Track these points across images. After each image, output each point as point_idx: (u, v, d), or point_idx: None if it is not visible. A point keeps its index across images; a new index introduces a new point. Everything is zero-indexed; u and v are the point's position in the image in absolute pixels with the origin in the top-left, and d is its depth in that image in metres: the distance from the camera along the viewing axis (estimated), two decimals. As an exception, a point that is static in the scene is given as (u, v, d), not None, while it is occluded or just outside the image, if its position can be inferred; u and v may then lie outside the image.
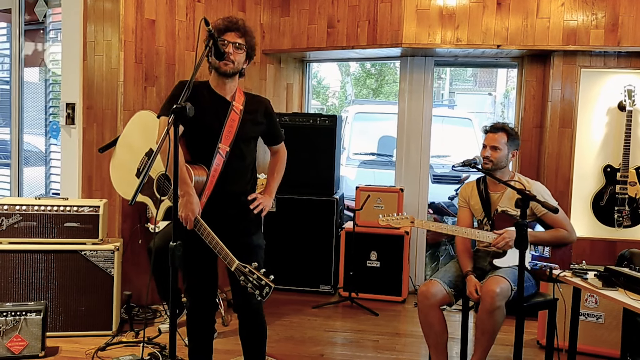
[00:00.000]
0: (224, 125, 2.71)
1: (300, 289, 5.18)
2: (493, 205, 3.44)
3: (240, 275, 2.41)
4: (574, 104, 4.67)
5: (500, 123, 3.50)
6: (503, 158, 3.39)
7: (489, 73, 16.60)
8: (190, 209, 2.59)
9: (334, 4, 5.07)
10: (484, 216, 3.47)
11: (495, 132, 3.42)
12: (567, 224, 3.33)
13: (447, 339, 3.30)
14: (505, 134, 3.40)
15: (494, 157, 3.37)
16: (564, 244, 3.32)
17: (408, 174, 5.40)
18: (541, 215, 3.31)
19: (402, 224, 3.41)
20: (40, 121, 5.45)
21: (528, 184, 3.35)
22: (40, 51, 5.53)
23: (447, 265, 3.55)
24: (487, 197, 3.47)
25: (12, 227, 3.83)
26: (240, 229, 2.77)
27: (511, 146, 3.41)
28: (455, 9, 4.72)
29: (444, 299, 3.27)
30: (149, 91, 4.52)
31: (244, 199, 2.81)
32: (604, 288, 2.81)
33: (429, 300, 3.25)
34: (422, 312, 3.30)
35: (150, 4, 4.47)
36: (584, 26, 4.54)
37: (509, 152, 3.41)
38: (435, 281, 3.30)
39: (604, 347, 3.75)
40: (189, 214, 2.58)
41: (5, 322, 3.49)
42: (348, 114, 8.18)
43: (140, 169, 3.17)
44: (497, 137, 3.39)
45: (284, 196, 5.12)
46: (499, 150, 3.37)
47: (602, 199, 4.66)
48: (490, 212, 3.44)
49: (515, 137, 3.44)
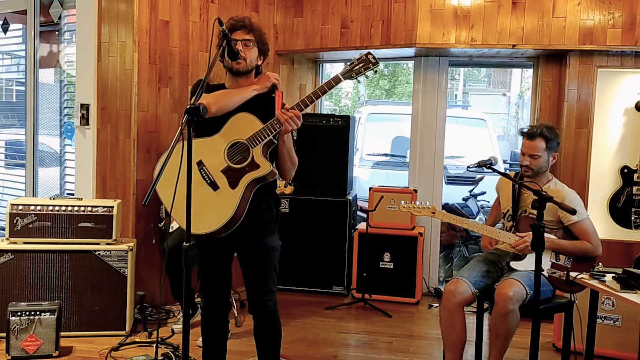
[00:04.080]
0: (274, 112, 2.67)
1: (313, 290, 5.17)
2: (522, 204, 3.37)
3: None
4: (591, 104, 4.61)
5: (537, 127, 3.32)
6: (543, 164, 3.27)
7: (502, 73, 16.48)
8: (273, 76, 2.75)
9: (348, 4, 5.06)
10: (508, 211, 3.41)
11: (532, 139, 3.27)
12: (593, 237, 3.21)
13: (465, 341, 3.25)
14: (543, 139, 3.25)
15: (534, 165, 3.26)
16: (588, 257, 3.21)
17: (421, 174, 5.36)
18: (568, 224, 3.22)
19: (424, 213, 3.38)
20: (56, 122, 5.48)
21: (562, 190, 3.26)
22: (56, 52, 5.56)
23: (471, 263, 3.48)
24: (519, 195, 3.39)
25: (27, 227, 3.85)
26: (256, 229, 2.74)
27: (551, 149, 3.27)
28: (469, 8, 4.68)
29: (469, 298, 3.22)
30: (163, 92, 4.53)
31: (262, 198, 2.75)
32: (622, 290, 2.76)
33: (456, 298, 3.19)
34: (445, 310, 3.24)
35: (164, 5, 4.48)
36: (600, 25, 4.48)
37: (549, 157, 3.28)
38: (462, 280, 3.24)
39: (621, 351, 3.70)
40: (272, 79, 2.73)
41: (20, 321, 3.51)
42: (361, 115, 8.16)
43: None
44: (535, 145, 3.25)
45: (296, 197, 5.11)
46: (538, 157, 3.25)
47: (619, 201, 4.60)
48: (517, 211, 3.37)
49: (554, 139, 3.28)
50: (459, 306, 3.21)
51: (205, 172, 2.63)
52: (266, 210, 2.76)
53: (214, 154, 2.64)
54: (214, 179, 2.63)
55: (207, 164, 2.64)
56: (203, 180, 2.63)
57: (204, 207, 2.58)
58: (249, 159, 2.61)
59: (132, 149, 4.34)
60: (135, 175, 4.35)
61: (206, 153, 2.64)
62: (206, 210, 2.59)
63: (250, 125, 2.62)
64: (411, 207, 3.39)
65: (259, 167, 2.61)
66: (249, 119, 2.63)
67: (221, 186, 2.63)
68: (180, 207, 2.24)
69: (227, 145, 2.64)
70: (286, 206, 5.13)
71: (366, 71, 2.64)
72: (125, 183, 4.39)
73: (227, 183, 2.62)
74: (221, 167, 2.64)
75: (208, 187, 2.63)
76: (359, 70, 2.63)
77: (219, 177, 2.63)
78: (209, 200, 2.62)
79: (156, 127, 4.51)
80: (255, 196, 2.66)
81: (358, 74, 2.63)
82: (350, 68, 2.63)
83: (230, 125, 2.64)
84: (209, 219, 2.58)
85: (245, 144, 2.62)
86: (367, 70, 2.63)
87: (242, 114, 2.64)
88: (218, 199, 2.62)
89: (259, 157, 2.61)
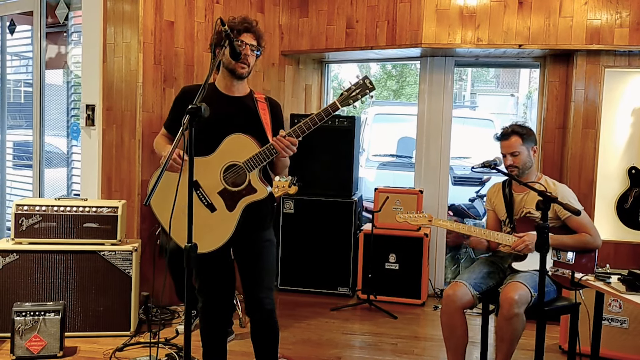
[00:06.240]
0: (261, 118, 2.70)
1: (318, 291, 5.16)
2: (516, 207, 3.38)
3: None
4: (598, 105, 4.58)
5: (508, 127, 3.40)
6: (526, 159, 3.32)
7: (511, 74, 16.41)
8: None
9: (353, 4, 5.04)
10: (506, 217, 3.41)
11: (507, 138, 3.35)
12: (591, 228, 3.24)
13: (467, 343, 3.25)
14: (517, 135, 3.33)
15: (517, 162, 3.31)
16: (588, 249, 3.23)
17: (427, 175, 5.34)
18: (565, 218, 3.23)
19: (420, 222, 3.37)
20: (63, 123, 5.50)
21: (553, 187, 3.28)
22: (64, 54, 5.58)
23: (472, 266, 3.47)
24: (511, 199, 3.41)
25: (32, 227, 3.86)
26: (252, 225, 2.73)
27: (528, 144, 3.33)
28: (475, 8, 4.66)
29: (469, 302, 3.21)
30: (168, 92, 4.53)
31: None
32: (627, 292, 2.73)
33: (455, 303, 3.18)
34: (445, 314, 3.24)
35: (169, 5, 4.49)
36: (607, 25, 4.45)
37: (529, 151, 3.34)
38: (462, 283, 3.23)
39: (628, 353, 3.66)
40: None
41: (25, 322, 3.52)
42: (368, 116, 8.15)
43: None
44: (511, 143, 3.32)
45: (302, 198, 5.10)
46: (518, 154, 3.30)
47: (627, 202, 4.56)
48: (512, 214, 3.38)
49: (528, 134, 3.36)
50: (458, 310, 3.20)
51: (202, 194, 2.65)
52: (262, 206, 2.75)
53: (210, 175, 2.65)
54: (211, 200, 2.65)
55: (203, 185, 2.65)
56: (200, 202, 2.65)
57: (202, 227, 2.59)
58: (246, 182, 2.62)
59: (137, 150, 4.34)
60: (140, 176, 4.35)
61: (202, 174, 2.64)
62: (204, 230, 2.60)
63: (246, 147, 2.62)
64: (408, 217, 3.37)
65: (256, 191, 2.63)
66: (244, 140, 2.64)
67: (218, 208, 2.64)
68: (177, 222, 2.28)
69: (222, 166, 2.64)
70: (291, 207, 5.12)
71: (363, 97, 2.64)
72: (130, 183, 4.41)
73: (224, 205, 2.64)
74: (217, 189, 2.65)
75: (205, 209, 2.65)
76: (355, 97, 2.63)
77: (216, 198, 2.65)
78: (207, 221, 2.64)
79: (161, 128, 4.49)
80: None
81: (355, 100, 2.64)
82: (348, 95, 2.62)
83: (225, 146, 2.64)
84: (208, 240, 2.61)
85: (242, 167, 2.62)
86: (364, 95, 2.63)
87: (237, 135, 2.64)
88: (216, 221, 2.64)
89: (255, 181, 2.63)
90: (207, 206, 2.65)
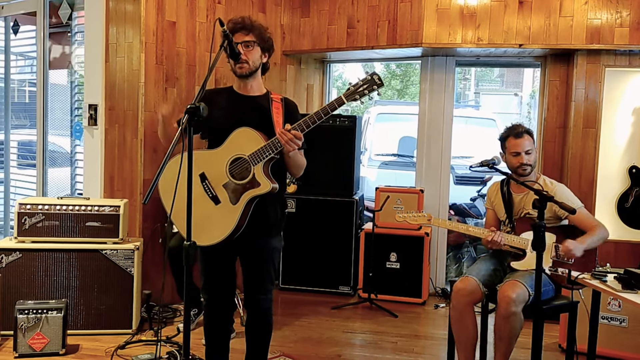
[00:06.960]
0: (272, 117, 2.71)
1: (319, 289, 5.18)
2: (516, 207, 3.39)
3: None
4: (598, 104, 4.58)
5: (519, 126, 3.39)
6: (536, 158, 3.37)
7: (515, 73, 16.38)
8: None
9: (354, 4, 5.06)
10: (505, 217, 3.42)
11: (520, 137, 3.32)
12: (593, 220, 3.26)
13: (477, 339, 3.24)
14: (529, 134, 3.35)
15: (531, 160, 3.31)
16: (604, 240, 3.22)
17: (429, 175, 5.35)
18: (565, 217, 3.23)
19: (419, 222, 3.38)
20: (67, 122, 5.54)
21: (551, 186, 3.29)
22: (68, 54, 5.61)
23: (478, 261, 3.47)
24: (510, 199, 3.42)
25: (35, 226, 3.90)
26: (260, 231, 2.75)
27: (535, 144, 3.37)
28: (476, 8, 4.67)
29: (478, 297, 3.21)
30: (170, 92, 4.56)
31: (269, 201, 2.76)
32: (623, 290, 2.75)
33: (466, 298, 3.18)
34: (456, 309, 3.22)
35: (171, 5, 4.51)
36: (608, 24, 4.45)
37: (535, 152, 3.37)
38: (472, 278, 3.22)
39: (627, 352, 3.67)
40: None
41: (27, 319, 3.55)
42: (370, 115, 8.16)
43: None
44: (525, 141, 3.31)
45: (303, 197, 5.13)
46: (531, 152, 3.31)
47: (627, 201, 4.57)
48: (512, 214, 3.39)
49: (532, 134, 3.40)
50: (469, 305, 3.19)
51: (207, 186, 2.67)
52: (272, 213, 2.78)
53: (216, 167, 2.67)
54: (216, 192, 2.67)
55: (209, 177, 2.67)
56: (205, 194, 2.67)
57: (206, 220, 2.63)
58: (250, 176, 2.63)
59: (140, 149, 4.37)
60: (142, 175, 4.39)
61: (209, 166, 2.67)
62: (208, 223, 2.63)
63: (253, 141, 2.64)
64: (407, 217, 3.38)
65: (260, 185, 2.63)
66: (251, 134, 2.64)
67: (222, 200, 2.66)
68: (181, 214, 2.27)
69: (229, 159, 2.66)
70: (293, 206, 5.14)
71: (370, 93, 2.59)
72: (133, 183, 4.44)
73: (227, 198, 2.66)
74: (222, 181, 2.67)
75: (210, 201, 2.67)
76: (362, 92, 2.58)
77: (220, 191, 2.66)
78: (211, 213, 2.66)
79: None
80: (262, 199, 2.67)
81: (362, 95, 2.59)
82: (355, 90, 2.59)
83: (232, 139, 2.66)
84: (211, 232, 2.63)
85: (247, 161, 2.63)
86: (372, 91, 2.58)
87: (244, 128, 2.66)
88: (219, 213, 2.66)
89: (259, 175, 2.62)
90: (212, 198, 2.66)
